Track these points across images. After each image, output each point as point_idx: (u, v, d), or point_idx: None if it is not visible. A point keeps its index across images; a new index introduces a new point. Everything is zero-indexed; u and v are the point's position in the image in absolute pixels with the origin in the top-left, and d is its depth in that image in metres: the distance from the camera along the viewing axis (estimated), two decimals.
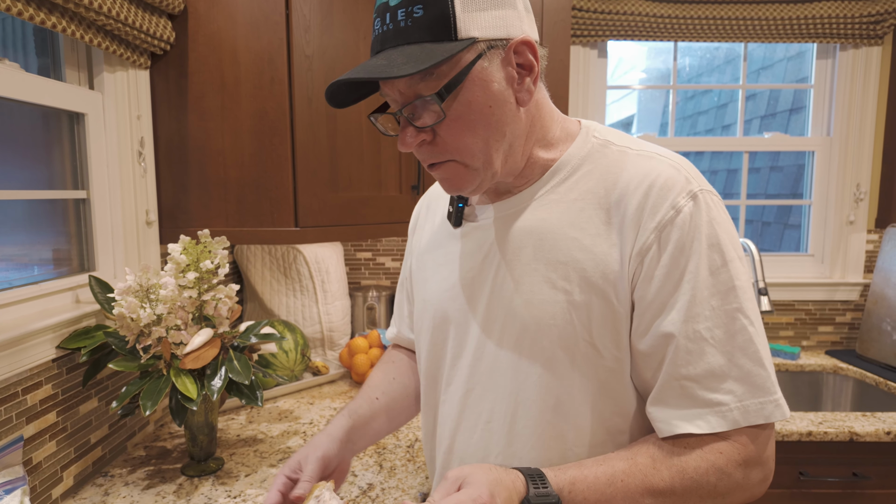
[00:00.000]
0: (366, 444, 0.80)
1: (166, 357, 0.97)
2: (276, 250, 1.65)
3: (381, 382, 0.87)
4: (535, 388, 0.65)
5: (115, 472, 1.07)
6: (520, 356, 0.66)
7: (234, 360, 1.03)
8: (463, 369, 0.72)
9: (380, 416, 0.82)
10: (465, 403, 0.73)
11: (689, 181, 0.61)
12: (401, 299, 0.93)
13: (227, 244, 1.05)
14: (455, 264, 0.74)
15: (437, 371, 0.77)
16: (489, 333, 0.69)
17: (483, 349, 0.69)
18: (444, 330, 0.75)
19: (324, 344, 1.70)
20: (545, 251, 0.65)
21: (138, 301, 0.93)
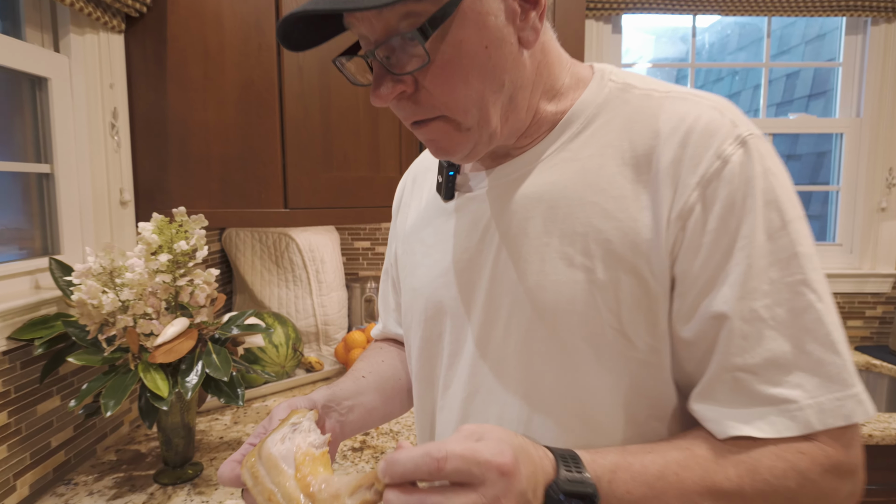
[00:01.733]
0: (358, 420, 0.67)
1: (134, 349, 0.85)
2: (266, 237, 1.53)
3: (366, 365, 0.75)
4: (552, 390, 0.54)
5: (79, 480, 0.95)
6: (532, 351, 0.54)
7: (213, 354, 0.92)
8: (463, 369, 0.61)
9: (369, 392, 0.70)
10: (467, 410, 0.61)
11: (736, 124, 0.49)
12: (385, 290, 0.81)
13: (206, 223, 0.93)
14: (448, 244, 0.62)
15: (432, 372, 0.66)
16: (492, 325, 0.57)
17: (486, 344, 0.58)
18: (439, 323, 0.63)
19: (318, 338, 1.59)
20: (558, 221, 0.53)
21: (100, 285, 0.81)
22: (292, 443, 0.49)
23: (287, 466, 0.47)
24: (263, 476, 0.47)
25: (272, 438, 0.50)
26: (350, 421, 0.65)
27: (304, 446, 0.49)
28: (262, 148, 1.14)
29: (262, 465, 0.48)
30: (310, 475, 0.45)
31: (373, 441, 1.11)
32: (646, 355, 0.51)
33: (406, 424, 1.18)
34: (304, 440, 0.49)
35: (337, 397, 0.64)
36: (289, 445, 0.49)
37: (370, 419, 0.69)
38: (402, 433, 1.14)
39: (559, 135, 0.55)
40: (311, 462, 0.47)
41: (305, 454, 0.47)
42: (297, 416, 0.53)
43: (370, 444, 1.10)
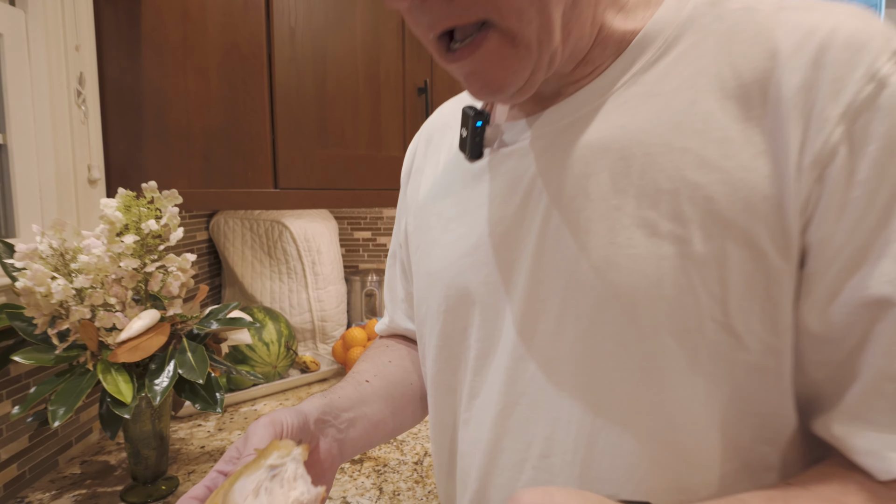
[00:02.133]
0: (361, 437, 0.54)
1: (91, 346, 0.72)
2: (258, 226, 1.41)
3: (370, 367, 0.62)
4: (625, 404, 0.41)
5: (34, 498, 0.83)
6: (597, 351, 0.42)
7: (188, 352, 0.79)
8: (497, 374, 0.48)
9: (375, 400, 0.57)
10: (502, 427, 0.48)
11: (890, 38, 0.36)
12: (393, 276, 0.68)
13: (179, 199, 0.80)
14: (475, 215, 0.49)
15: (454, 377, 0.53)
16: (539, 316, 0.44)
17: (530, 342, 0.45)
18: (463, 315, 0.51)
19: (315, 336, 1.46)
20: (633, 177, 0.39)
21: (49, 269, 0.69)
22: (270, 498, 0.36)
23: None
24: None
25: (242, 484, 0.36)
26: (351, 438, 0.52)
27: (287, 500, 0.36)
28: (249, 121, 1.01)
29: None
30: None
31: (374, 452, 0.98)
32: (759, 357, 0.37)
33: (412, 432, 1.05)
34: (285, 495, 0.36)
35: (335, 408, 0.51)
36: (264, 502, 0.36)
37: (376, 434, 0.56)
38: (406, 442, 1.01)
39: (630, 63, 0.42)
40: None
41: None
42: (278, 455, 0.39)
43: (371, 455, 0.97)
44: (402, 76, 1.21)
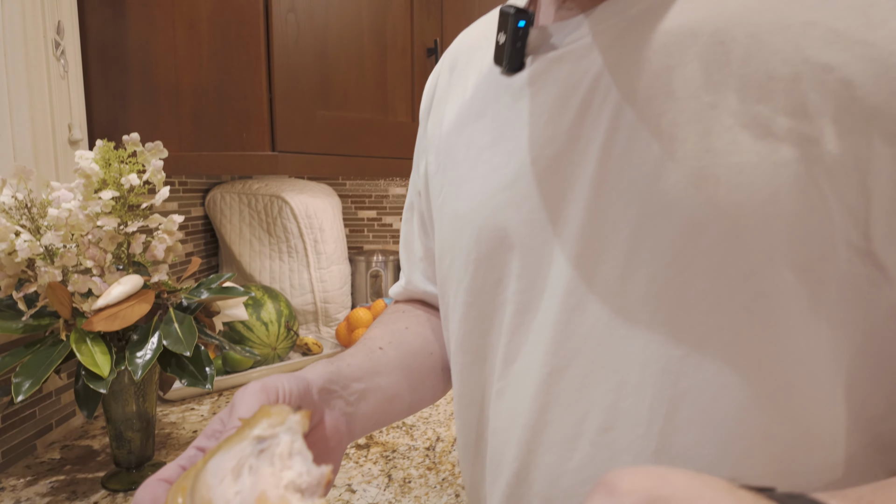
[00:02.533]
0: (374, 412, 0.45)
1: (63, 313, 0.64)
2: (256, 201, 1.32)
3: (384, 333, 0.53)
4: (723, 360, 0.33)
5: (7, 484, 0.75)
6: (683, 294, 0.33)
7: (175, 323, 0.70)
8: (541, 332, 0.40)
9: (389, 371, 0.48)
10: (548, 396, 0.40)
11: None
12: (409, 232, 0.59)
13: (164, 153, 0.72)
14: (516, 140, 0.41)
15: (484, 340, 0.45)
16: (600, 256, 0.36)
17: (588, 289, 0.37)
18: (498, 263, 0.42)
19: (317, 318, 1.37)
20: (735, 65, 0.31)
21: (13, 223, 0.60)
22: (255, 481, 0.26)
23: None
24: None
25: (218, 462, 0.27)
26: (362, 413, 0.43)
27: (278, 489, 0.25)
28: (243, 77, 0.93)
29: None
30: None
31: (381, 437, 0.89)
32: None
33: (423, 416, 0.97)
34: (277, 474, 0.26)
35: (343, 377, 0.42)
36: (247, 487, 0.26)
37: (391, 410, 0.48)
38: (416, 427, 0.92)
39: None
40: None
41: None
42: (268, 424, 0.29)
43: (378, 439, 0.89)
44: (411, 35, 1.12)
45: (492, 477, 0.46)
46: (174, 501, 0.27)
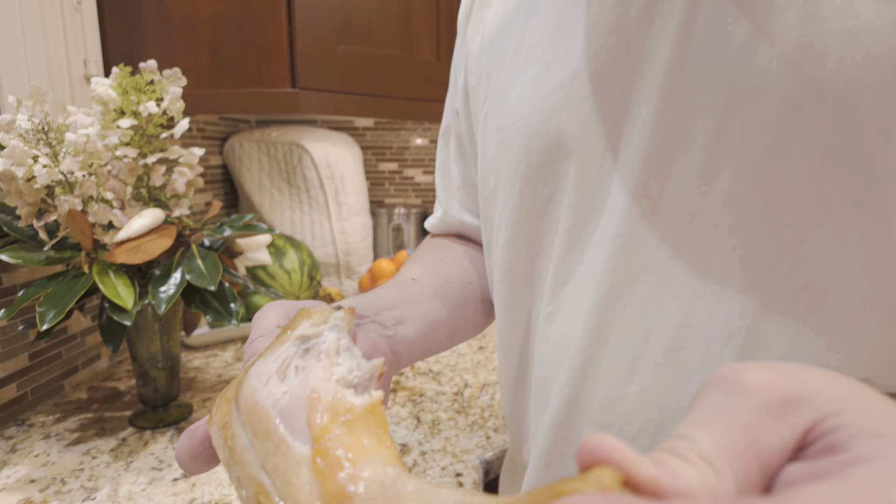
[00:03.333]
0: (416, 335, 0.41)
1: (85, 244, 0.62)
2: (275, 150, 1.29)
3: (416, 267, 0.49)
4: (829, 261, 0.29)
5: (36, 420, 0.74)
6: (778, 190, 0.29)
7: (197, 259, 0.68)
8: (599, 248, 0.36)
9: (424, 299, 0.44)
10: (607, 315, 0.36)
11: None
12: (445, 160, 0.55)
13: (183, 80, 0.68)
14: (573, 32, 0.36)
15: (532, 262, 0.42)
16: (676, 154, 0.32)
17: (658, 194, 0.33)
18: (552, 175, 0.39)
19: (339, 270, 1.35)
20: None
21: (30, 147, 0.58)
22: (303, 379, 0.24)
23: (290, 430, 0.22)
24: (243, 448, 0.23)
25: (261, 366, 0.25)
26: (403, 337, 0.39)
27: (329, 386, 0.23)
28: (262, 7, 0.88)
29: (243, 424, 0.23)
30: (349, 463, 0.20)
31: (407, 382, 0.88)
32: None
33: (448, 364, 0.95)
34: (326, 370, 0.24)
35: (373, 305, 0.38)
36: (295, 385, 0.24)
37: (434, 336, 0.43)
38: (443, 374, 0.90)
39: None
40: (349, 427, 0.22)
41: (334, 406, 0.22)
42: (309, 323, 0.27)
43: (404, 384, 0.87)
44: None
45: (538, 407, 0.43)
46: (220, 411, 0.25)
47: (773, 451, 0.16)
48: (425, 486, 0.18)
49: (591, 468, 0.15)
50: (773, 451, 0.16)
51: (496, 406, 0.79)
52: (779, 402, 0.16)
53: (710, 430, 0.16)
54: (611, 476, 0.15)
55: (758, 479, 0.16)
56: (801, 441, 0.16)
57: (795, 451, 0.16)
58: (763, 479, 0.16)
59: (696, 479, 0.15)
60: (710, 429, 0.16)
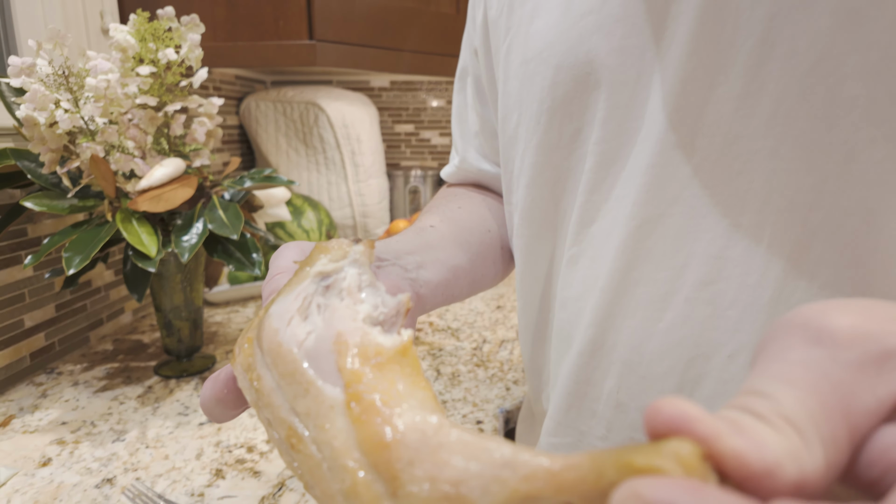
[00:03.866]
0: (439, 279, 0.39)
1: (108, 191, 0.62)
2: (291, 109, 1.28)
3: (433, 214, 0.48)
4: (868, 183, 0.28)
5: (64, 369, 0.76)
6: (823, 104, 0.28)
7: (219, 209, 0.68)
8: (630, 182, 0.35)
9: (444, 245, 0.43)
10: (637, 251, 0.35)
11: None
12: (462, 104, 0.53)
13: (201, 27, 0.67)
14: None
15: (556, 204, 0.40)
16: (716, 76, 0.30)
17: (696, 119, 0.31)
18: (579, 108, 0.37)
19: (356, 233, 1.35)
20: None
21: (51, 91, 0.57)
22: (328, 319, 0.22)
23: (321, 378, 0.21)
24: (271, 390, 0.22)
25: (281, 305, 0.24)
26: (426, 280, 0.38)
27: (356, 326, 0.22)
28: None
29: (268, 365, 0.23)
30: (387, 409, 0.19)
31: (426, 337, 0.88)
32: None
33: (467, 321, 0.95)
34: (351, 309, 0.23)
35: (393, 250, 0.37)
36: (320, 325, 0.22)
37: (456, 281, 0.42)
38: (462, 331, 0.91)
39: None
40: (382, 370, 0.21)
41: (364, 349, 0.21)
42: (327, 258, 0.25)
43: (424, 340, 0.87)
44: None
45: (559, 352, 0.43)
46: (243, 352, 0.24)
47: (867, 413, 0.14)
48: (469, 436, 0.17)
49: (665, 437, 0.13)
50: (865, 413, 0.14)
51: (515, 360, 0.79)
52: (875, 355, 0.14)
53: (794, 387, 0.14)
54: (690, 451, 0.13)
55: (846, 443, 0.14)
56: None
57: (892, 410, 0.14)
58: (852, 444, 0.14)
59: (783, 448, 0.13)
60: (793, 386, 0.14)
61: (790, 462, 0.13)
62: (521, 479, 0.15)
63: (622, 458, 0.13)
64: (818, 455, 0.13)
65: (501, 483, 0.15)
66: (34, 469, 0.54)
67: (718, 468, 0.13)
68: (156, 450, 0.58)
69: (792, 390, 0.14)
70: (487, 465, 0.16)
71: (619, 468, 0.13)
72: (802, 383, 0.14)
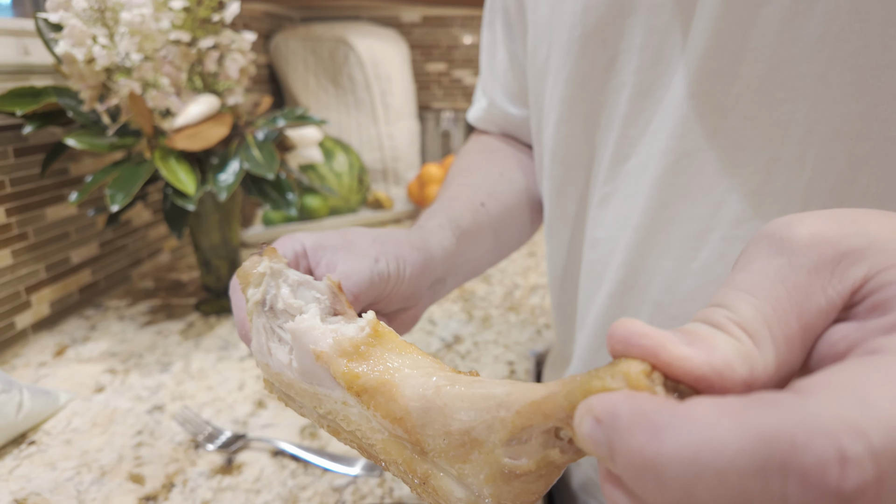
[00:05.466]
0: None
1: (146, 129, 0.62)
2: (321, 47, 1.24)
3: (484, 180, 0.48)
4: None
5: (110, 304, 0.79)
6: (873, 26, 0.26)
7: (254, 148, 0.68)
8: (668, 114, 0.33)
9: (485, 235, 0.44)
10: (672, 187, 0.34)
11: None
12: (491, 41, 0.51)
13: None
14: None
15: (589, 140, 0.39)
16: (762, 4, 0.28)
17: (739, 45, 0.30)
18: (613, 35, 0.35)
19: (385, 176, 1.34)
20: None
21: (88, 27, 0.56)
22: (295, 337, 0.25)
23: (325, 388, 0.24)
24: (299, 407, 0.28)
25: (256, 344, 0.27)
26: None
27: (322, 331, 0.25)
28: None
29: (284, 388, 0.27)
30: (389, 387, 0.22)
31: None
32: None
33: (499, 268, 0.95)
34: (304, 321, 0.25)
35: (429, 269, 0.37)
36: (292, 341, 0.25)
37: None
38: (493, 276, 0.91)
39: None
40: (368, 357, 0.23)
41: (342, 350, 0.24)
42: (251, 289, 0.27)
43: None
44: None
45: (588, 294, 0.42)
46: (266, 384, 0.28)
47: (819, 312, 0.15)
48: (463, 388, 0.20)
49: (621, 358, 0.15)
50: (818, 312, 0.15)
51: (546, 307, 0.80)
52: (831, 258, 0.15)
53: (753, 295, 0.15)
54: (637, 368, 0.14)
55: (799, 343, 0.15)
56: (849, 299, 0.15)
57: (844, 309, 0.15)
58: (805, 343, 0.15)
59: (733, 350, 0.14)
60: (752, 294, 0.15)
61: (740, 363, 0.14)
62: (516, 415, 0.18)
63: (585, 384, 0.15)
64: (769, 355, 0.14)
65: (501, 421, 0.18)
66: (90, 394, 0.58)
67: (671, 376, 0.14)
68: (200, 381, 0.60)
69: (749, 298, 0.15)
70: (485, 410, 0.19)
71: (582, 392, 0.15)
72: (759, 290, 0.15)
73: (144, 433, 0.52)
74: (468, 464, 0.19)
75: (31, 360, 0.64)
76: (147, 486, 0.46)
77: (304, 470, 0.47)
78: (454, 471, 0.20)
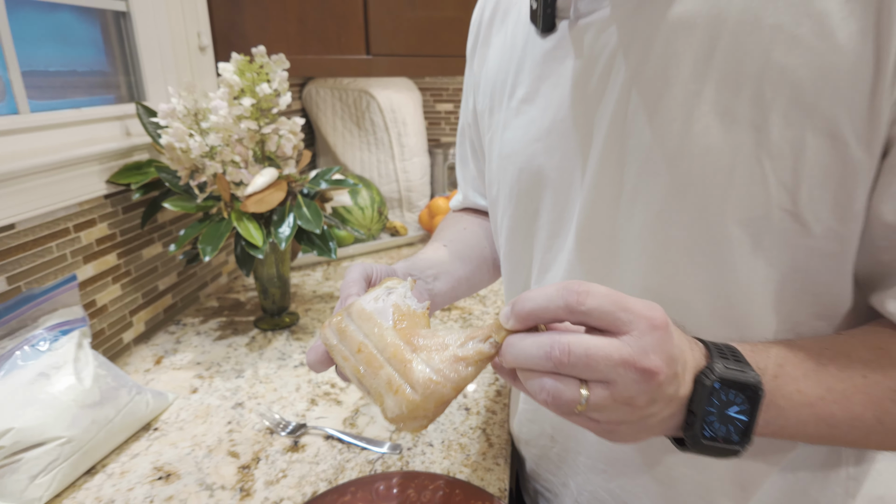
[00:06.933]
0: (447, 289, 0.59)
1: (225, 197, 0.83)
2: (346, 96, 1.45)
3: (446, 235, 0.67)
4: (688, 285, 0.42)
5: (187, 321, 1.01)
6: (664, 238, 0.42)
7: (304, 207, 0.89)
8: (565, 253, 0.50)
9: (452, 260, 0.62)
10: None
11: None
12: (463, 153, 0.69)
13: (287, 64, 0.85)
14: (549, 97, 0.48)
15: (526, 254, 0.56)
16: (610, 202, 0.45)
17: (599, 225, 0.46)
18: (535, 198, 0.51)
19: (401, 205, 1.55)
20: (717, 60, 0.37)
21: (186, 127, 0.78)
22: (388, 302, 0.42)
23: (383, 319, 0.40)
24: (353, 331, 0.40)
25: (364, 299, 0.43)
26: (438, 290, 0.58)
27: (403, 304, 0.42)
28: None
29: (353, 320, 0.41)
30: (409, 328, 0.39)
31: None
32: (822, 243, 0.38)
33: (493, 289, 1.15)
34: (401, 300, 0.42)
35: (418, 267, 0.57)
36: (384, 304, 0.42)
37: (459, 288, 0.62)
38: (488, 297, 1.11)
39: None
40: (411, 318, 0.40)
41: (405, 312, 0.40)
42: (391, 282, 0.46)
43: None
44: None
45: None
46: (333, 321, 0.43)
47: None
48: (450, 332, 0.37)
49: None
50: None
51: None
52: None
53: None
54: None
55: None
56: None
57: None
58: None
59: None
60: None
61: None
62: (468, 333, 0.35)
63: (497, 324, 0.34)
64: None
65: (460, 335, 0.36)
66: (188, 394, 0.79)
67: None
68: (267, 384, 0.82)
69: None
70: (460, 333, 0.36)
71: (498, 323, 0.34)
72: None
73: (233, 423, 0.73)
74: (437, 353, 0.35)
75: (139, 368, 0.86)
76: (241, 460, 0.67)
77: (347, 449, 0.68)
78: (424, 357, 0.35)
